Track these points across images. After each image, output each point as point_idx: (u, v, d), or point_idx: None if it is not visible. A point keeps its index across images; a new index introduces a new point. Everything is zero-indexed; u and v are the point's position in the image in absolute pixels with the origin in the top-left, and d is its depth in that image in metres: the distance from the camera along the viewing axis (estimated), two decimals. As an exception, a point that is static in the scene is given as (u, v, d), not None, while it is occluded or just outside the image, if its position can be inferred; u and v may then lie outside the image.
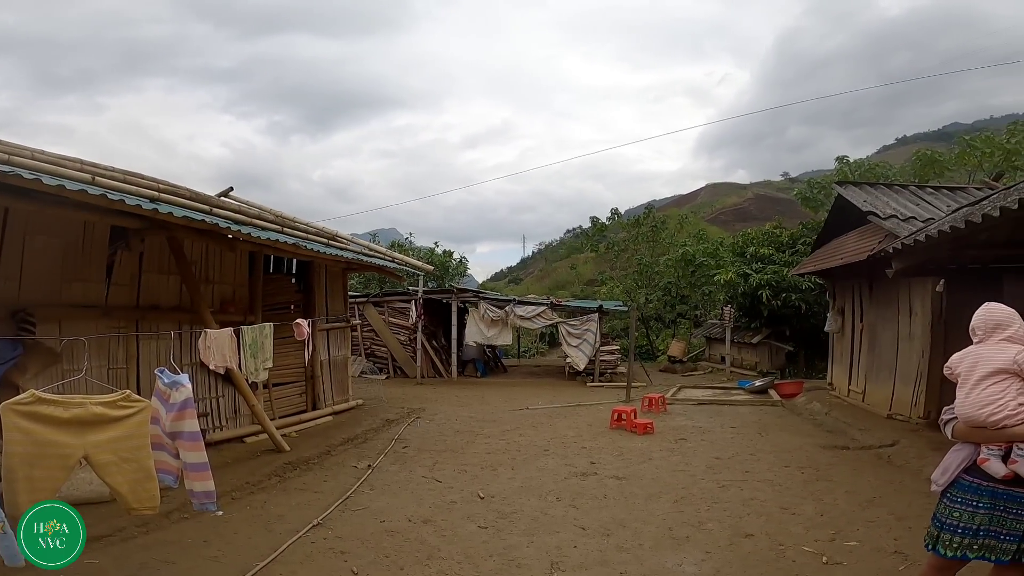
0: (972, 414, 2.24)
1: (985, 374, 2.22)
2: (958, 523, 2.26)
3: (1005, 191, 5.20)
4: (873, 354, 9.12)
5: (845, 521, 4.36)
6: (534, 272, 67.14)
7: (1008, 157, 15.67)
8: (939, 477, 2.37)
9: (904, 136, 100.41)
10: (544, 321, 15.61)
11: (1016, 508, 2.18)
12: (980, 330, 2.33)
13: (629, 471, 6.03)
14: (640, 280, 24.18)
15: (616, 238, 26.21)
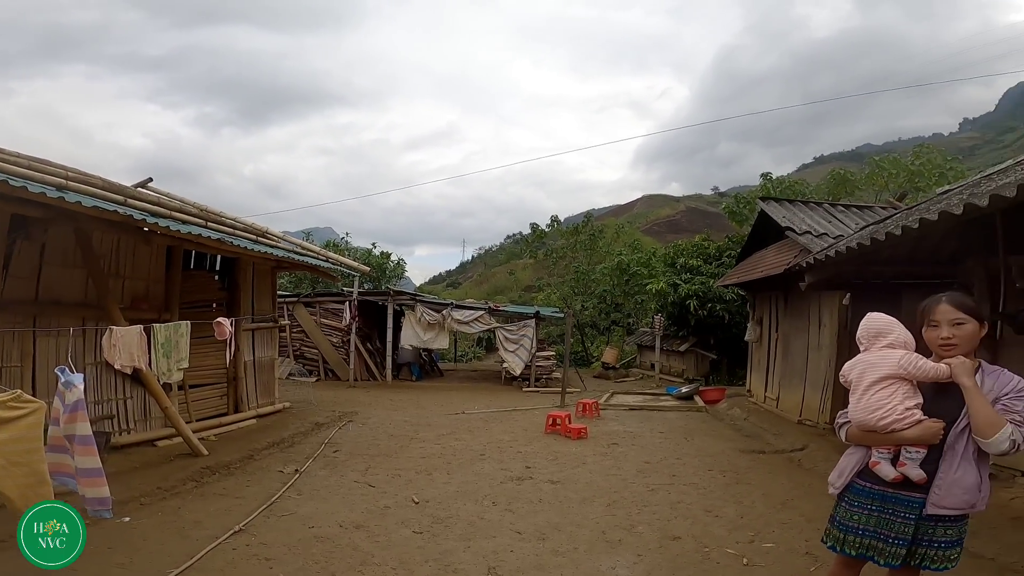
0: (863, 418, 2.28)
1: (874, 380, 2.27)
2: (857, 525, 2.31)
3: (906, 211, 5.71)
4: (786, 362, 9.74)
5: (762, 523, 4.59)
6: (473, 277, 67.07)
7: (911, 178, 17.26)
8: (835, 480, 2.42)
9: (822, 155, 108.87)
10: (482, 326, 15.60)
11: (903, 511, 2.21)
12: (864, 339, 2.40)
13: (564, 475, 6.11)
14: (577, 287, 24.70)
15: (555, 245, 26.67)
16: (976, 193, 3.74)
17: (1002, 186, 3.40)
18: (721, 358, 16.51)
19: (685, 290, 15.88)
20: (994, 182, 4.00)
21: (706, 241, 18.86)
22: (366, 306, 15.87)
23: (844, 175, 19.56)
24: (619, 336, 24.38)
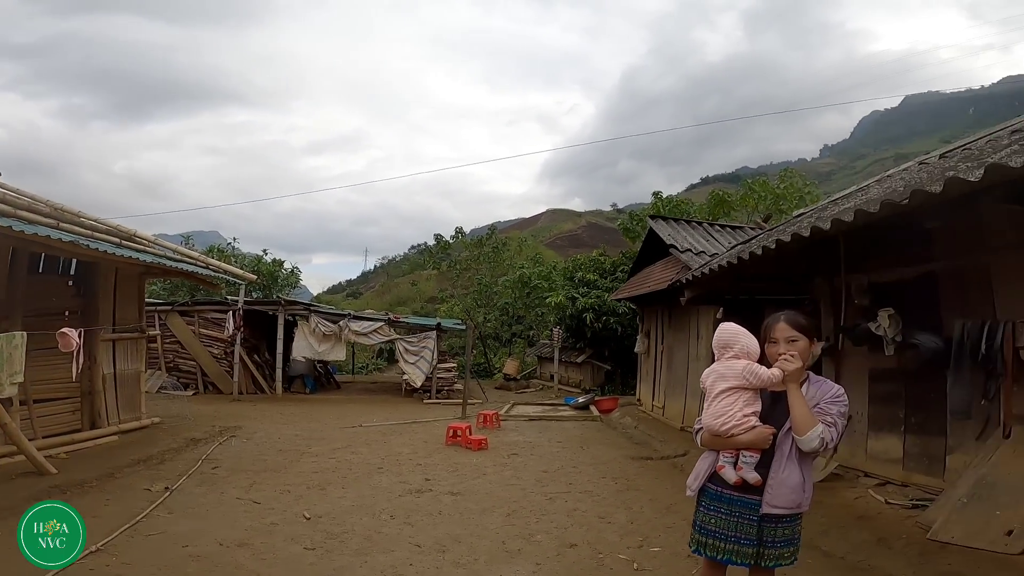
0: (710, 424, 2.45)
1: (722, 388, 2.44)
2: (714, 528, 2.40)
3: (768, 232, 6.35)
4: (671, 373, 10.41)
5: (650, 528, 4.81)
6: (375, 287, 65.15)
7: (777, 201, 19.19)
8: (691, 483, 2.54)
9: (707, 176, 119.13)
10: (381, 337, 15.15)
11: (747, 513, 2.34)
12: (717, 349, 2.57)
13: (464, 486, 6.10)
14: (480, 299, 24.75)
15: (459, 257, 26.57)
16: (822, 217, 4.24)
17: (842, 211, 3.88)
18: (615, 369, 17.21)
19: (582, 303, 16.47)
20: (838, 207, 4.57)
21: (602, 256, 19.71)
22: (254, 316, 14.82)
23: (722, 196, 21.31)
24: (521, 348, 24.73)
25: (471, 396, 13.27)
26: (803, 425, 2.24)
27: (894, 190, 3.43)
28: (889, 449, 5.23)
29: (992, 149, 2.85)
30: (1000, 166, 2.43)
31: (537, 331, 23.44)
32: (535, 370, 21.96)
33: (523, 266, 23.66)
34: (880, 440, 5.34)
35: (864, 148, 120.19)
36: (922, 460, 4.89)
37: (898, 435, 5.15)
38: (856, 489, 5.16)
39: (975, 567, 3.39)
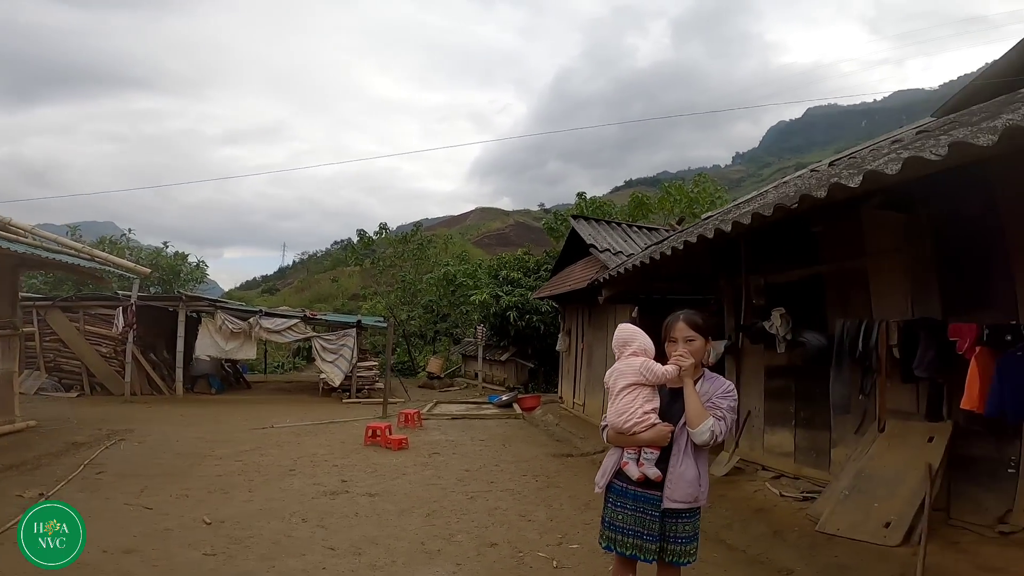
0: (613, 422, 2.46)
1: (623, 386, 2.50)
2: (622, 524, 2.43)
3: (676, 235, 6.61)
4: (590, 370, 10.64)
5: (569, 525, 4.85)
6: (293, 283, 62.24)
7: (690, 204, 20.21)
8: (599, 479, 2.56)
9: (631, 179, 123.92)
10: (296, 335, 14.44)
11: (650, 508, 2.38)
12: (616, 348, 2.59)
13: (382, 487, 5.96)
14: (404, 297, 24.28)
15: (383, 254, 25.92)
16: (725, 220, 4.44)
17: (742, 214, 4.07)
18: (539, 367, 17.40)
19: (506, 302, 16.52)
20: (740, 210, 4.81)
21: (527, 255, 19.90)
22: (151, 312, 13.66)
23: (642, 199, 22.23)
24: (445, 346, 24.50)
25: (393, 395, 13.07)
26: (696, 419, 2.32)
27: (787, 195, 3.64)
28: (782, 443, 5.56)
29: (873, 158, 3.08)
30: (876, 172, 2.62)
31: (462, 329, 23.32)
32: (459, 368, 21.83)
33: (448, 264, 23.44)
34: (775, 434, 5.68)
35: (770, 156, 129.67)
36: (810, 453, 5.23)
37: (790, 429, 5.49)
38: (755, 482, 5.43)
39: (858, 559, 3.60)
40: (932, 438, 4.02)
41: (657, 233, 10.79)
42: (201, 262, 22.78)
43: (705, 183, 23.02)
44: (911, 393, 4.30)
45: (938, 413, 4.11)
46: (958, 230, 4.03)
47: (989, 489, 3.75)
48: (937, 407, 4.12)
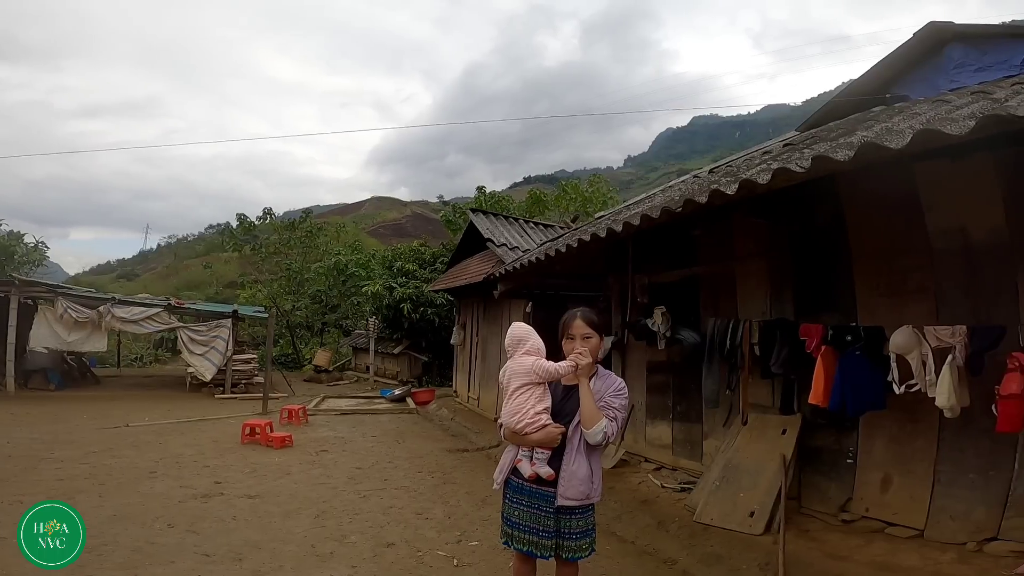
0: (507, 421, 2.47)
1: (517, 385, 2.49)
2: (519, 521, 2.44)
3: (571, 233, 6.76)
4: (485, 365, 10.65)
5: (467, 522, 4.77)
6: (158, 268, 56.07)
7: (585, 203, 20.98)
8: (497, 476, 2.55)
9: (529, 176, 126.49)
10: (158, 325, 12.95)
11: (544, 505, 2.40)
12: (510, 347, 2.58)
13: (263, 488, 5.60)
14: (289, 286, 22.90)
15: (267, 240, 24.18)
16: (616, 220, 4.58)
17: (632, 215, 4.21)
18: (433, 360, 17.17)
19: (400, 293, 16.10)
20: (630, 211, 4.99)
21: (423, 246, 19.53)
22: (-31, 297, 11.49)
23: (540, 195, 22.72)
24: (334, 338, 23.46)
25: (275, 390, 12.38)
26: (590, 419, 2.33)
27: (672, 199, 3.81)
28: (662, 435, 5.89)
29: (747, 167, 3.30)
30: (750, 181, 2.79)
31: (353, 321, 22.48)
32: (349, 361, 21.02)
33: (340, 253, 22.40)
34: (655, 427, 6.00)
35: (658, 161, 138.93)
36: (686, 445, 5.58)
37: (668, 423, 5.83)
38: (639, 474, 5.69)
39: (730, 548, 3.85)
40: (785, 430, 4.42)
41: (553, 230, 11.03)
42: (40, 243, 19.65)
43: (599, 183, 24.04)
44: (768, 388, 4.72)
45: (791, 407, 4.54)
46: (811, 238, 4.46)
47: (832, 479, 4.19)
48: (790, 401, 4.55)
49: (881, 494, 3.90)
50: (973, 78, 5.71)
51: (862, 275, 4.09)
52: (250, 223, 24.65)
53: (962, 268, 3.53)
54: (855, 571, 3.34)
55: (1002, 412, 2.95)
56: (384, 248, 25.15)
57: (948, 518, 3.55)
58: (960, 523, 3.48)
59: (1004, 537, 3.30)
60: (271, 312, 13.24)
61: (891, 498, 3.85)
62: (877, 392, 3.63)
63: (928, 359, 3.30)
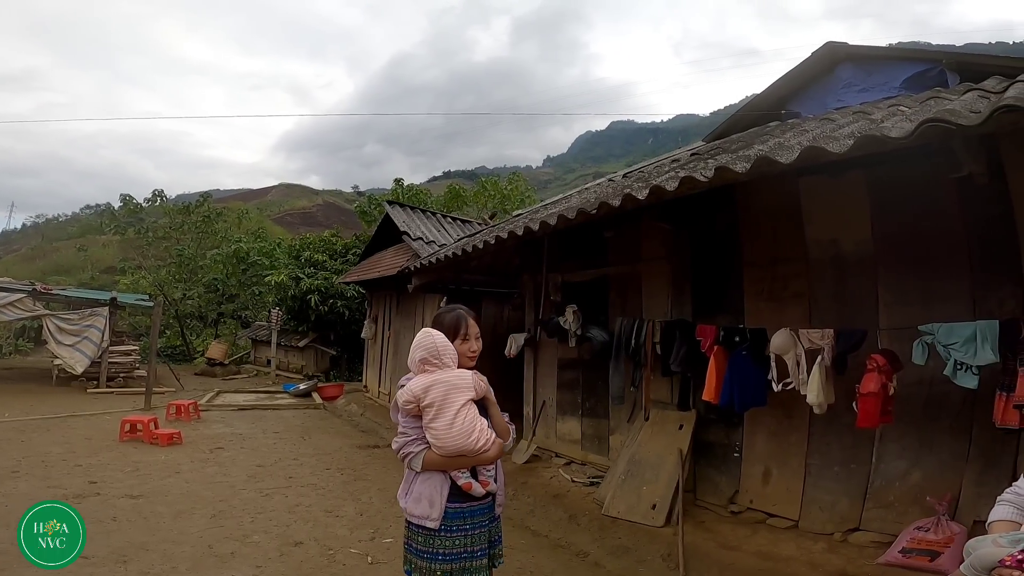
0: (461, 443, 2.16)
1: (464, 401, 2.19)
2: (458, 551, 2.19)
3: (489, 229, 6.81)
4: (397, 360, 10.42)
5: (380, 518, 4.66)
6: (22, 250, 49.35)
7: (503, 200, 21.15)
8: (433, 513, 2.17)
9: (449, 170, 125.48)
10: (20, 312, 11.48)
11: (486, 520, 2.26)
12: (431, 356, 2.24)
13: (149, 488, 5.25)
14: (180, 273, 21.16)
15: (156, 223, 22.18)
16: (533, 219, 4.67)
17: (549, 215, 4.32)
18: (342, 354, 16.63)
19: (307, 284, 15.38)
20: (547, 211, 5.11)
21: (335, 237, 18.77)
22: None
23: (459, 190, 22.57)
24: (231, 330, 22.02)
25: (161, 384, 11.54)
26: (504, 432, 2.30)
27: (588, 201, 3.96)
28: (572, 431, 6.06)
29: (657, 174, 3.50)
30: (659, 187, 2.97)
31: (253, 312, 21.26)
32: (248, 355, 19.87)
33: (241, 240, 21.00)
34: (565, 423, 6.16)
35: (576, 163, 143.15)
36: (594, 440, 5.78)
37: (578, 418, 6.01)
38: (551, 469, 5.82)
39: (636, 540, 4.02)
40: (682, 426, 4.70)
41: (470, 225, 11.01)
42: None
43: (518, 181, 24.36)
44: (668, 386, 5.01)
45: (687, 403, 4.85)
46: (710, 243, 4.77)
47: (722, 472, 4.50)
48: (687, 398, 4.86)
49: (762, 486, 4.20)
50: (857, 98, 6.14)
51: (750, 280, 4.43)
52: (136, 204, 22.52)
53: (832, 276, 3.92)
54: (744, 561, 3.56)
55: (862, 409, 3.24)
56: (292, 237, 23.88)
57: (818, 509, 3.83)
58: (828, 514, 3.77)
59: (865, 528, 3.59)
60: (157, 300, 12.10)
61: (771, 490, 4.14)
62: (760, 390, 3.89)
63: (802, 359, 3.59)
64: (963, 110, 2.11)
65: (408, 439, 2.21)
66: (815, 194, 3.94)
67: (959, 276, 3.32)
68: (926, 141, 2.23)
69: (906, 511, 3.42)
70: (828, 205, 3.91)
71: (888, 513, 3.54)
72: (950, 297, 3.33)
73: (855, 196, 3.75)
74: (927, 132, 2.16)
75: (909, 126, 2.18)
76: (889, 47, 7.76)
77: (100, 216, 27.41)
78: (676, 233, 4.91)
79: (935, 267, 3.42)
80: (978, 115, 2.04)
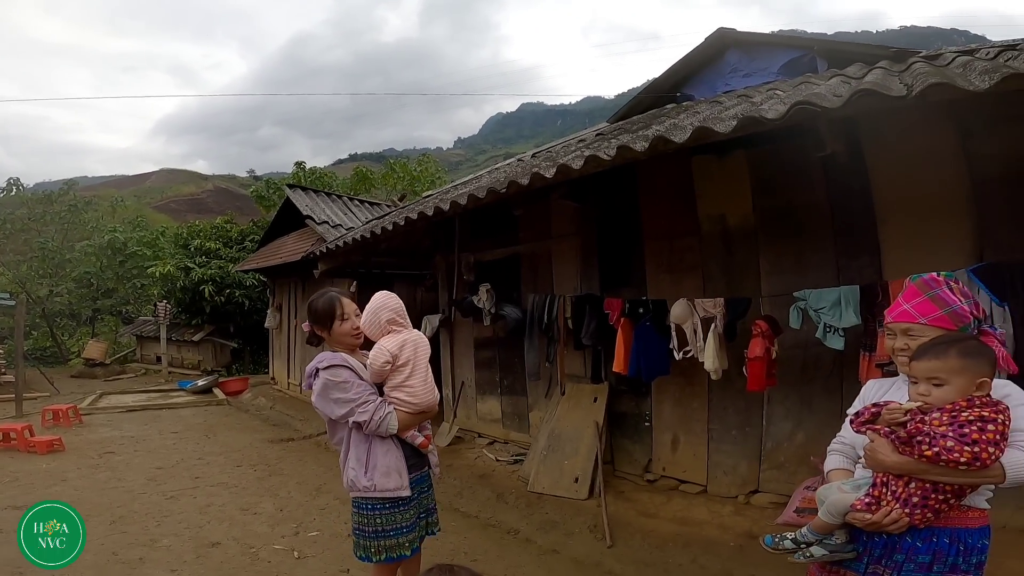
0: (429, 399, 2.26)
1: (425, 360, 2.29)
2: (410, 521, 2.22)
3: (400, 209, 6.67)
4: (305, 349, 9.96)
5: (303, 512, 4.50)
6: None
7: (413, 182, 20.71)
8: (402, 484, 2.18)
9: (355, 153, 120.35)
10: None
11: (427, 487, 2.34)
12: (397, 316, 2.29)
13: (32, 498, 4.69)
14: (45, 268, 18.88)
15: (11, 215, 19.67)
16: (443, 199, 4.63)
17: (459, 195, 4.31)
18: (244, 346, 15.78)
19: (199, 274, 14.29)
20: (458, 191, 5.08)
21: (229, 224, 17.50)
22: None
23: (366, 173, 21.80)
24: (111, 327, 20.07)
25: (32, 389, 10.58)
26: None
27: (498, 180, 3.98)
28: (492, 410, 6.13)
29: (564, 153, 3.60)
30: (566, 166, 3.06)
31: (136, 307, 19.50)
32: (133, 352, 18.24)
33: (116, 230, 19.08)
34: (485, 402, 6.22)
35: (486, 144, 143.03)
36: (514, 418, 5.88)
37: (497, 397, 6.08)
38: (474, 450, 5.83)
39: (562, 514, 4.13)
40: (596, 398, 4.87)
41: (379, 208, 10.70)
42: None
43: (428, 163, 23.97)
44: (581, 359, 5.17)
45: (599, 376, 5.03)
46: (614, 220, 4.94)
47: (636, 442, 4.72)
48: (599, 371, 5.04)
49: (672, 454, 4.42)
50: (742, 82, 6.54)
51: (651, 254, 4.64)
52: (-12, 195, 19.76)
53: (722, 249, 4.21)
54: (663, 527, 3.74)
55: (751, 373, 3.46)
56: (178, 225, 21.90)
57: (722, 473, 4.04)
58: (731, 478, 3.97)
59: (763, 489, 3.80)
60: (20, 299, 10.68)
61: (679, 457, 4.33)
62: (663, 359, 4.08)
63: (698, 328, 3.82)
64: (828, 94, 2.35)
65: (376, 402, 2.16)
66: (705, 172, 4.21)
67: (825, 246, 3.66)
68: (796, 122, 2.47)
69: (796, 471, 3.63)
70: (716, 182, 4.17)
71: (781, 474, 3.76)
72: (819, 265, 3.65)
73: (738, 173, 4.03)
74: (797, 114, 2.38)
75: (782, 108, 2.40)
76: (771, 34, 8.40)
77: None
78: (583, 211, 5.05)
79: (806, 238, 3.74)
80: (840, 98, 2.27)
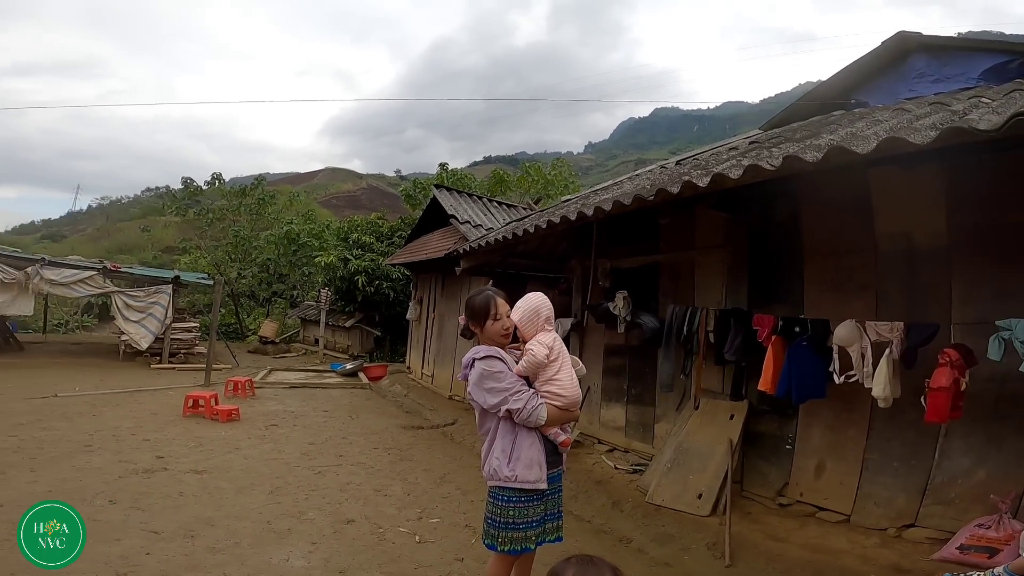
0: (574, 395, 2.31)
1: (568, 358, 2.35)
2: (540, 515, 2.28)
3: (537, 214, 6.81)
4: (441, 341, 10.63)
5: (427, 499, 4.77)
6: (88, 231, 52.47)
7: (547, 186, 21.08)
8: (539, 475, 2.25)
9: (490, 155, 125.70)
10: (91, 289, 12.18)
11: (559, 485, 2.41)
12: (544, 315, 2.39)
13: (212, 463, 5.41)
14: (235, 253, 22.01)
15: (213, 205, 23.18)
16: (586, 204, 4.64)
17: (602, 200, 4.28)
18: (386, 335, 16.92)
19: (355, 265, 15.75)
20: (598, 197, 5.06)
21: (381, 219, 19.10)
22: None
23: (502, 175, 22.57)
24: (281, 309, 22.81)
25: (218, 361, 11.90)
26: None
27: (643, 187, 3.89)
28: (616, 418, 6.05)
29: (716, 162, 3.41)
30: (722, 175, 2.89)
31: (302, 292, 21.92)
32: (297, 333, 20.51)
33: (292, 221, 21.66)
34: (610, 409, 6.15)
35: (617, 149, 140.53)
36: (639, 428, 5.76)
37: (622, 405, 5.99)
38: (593, 455, 5.82)
39: (681, 528, 4.01)
40: (733, 416, 4.62)
41: (516, 210, 11.01)
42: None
43: (562, 167, 24.13)
44: (720, 375, 4.93)
45: (739, 393, 4.76)
46: (767, 233, 4.66)
47: (772, 463, 4.42)
48: (739, 388, 4.77)
49: (815, 480, 4.14)
50: (930, 88, 5.94)
51: (812, 271, 4.31)
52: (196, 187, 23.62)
53: (903, 269, 3.77)
54: (792, 552, 3.54)
55: (931, 403, 3.16)
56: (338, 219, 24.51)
57: (873, 504, 3.78)
58: (883, 510, 3.72)
59: (921, 524, 3.54)
60: (218, 279, 12.66)
61: (823, 484, 4.08)
62: (819, 381, 3.83)
63: (867, 352, 3.51)
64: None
65: (529, 392, 2.25)
66: (886, 186, 3.78)
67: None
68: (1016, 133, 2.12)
69: (967, 508, 3.35)
70: (900, 197, 3.74)
71: (947, 510, 3.47)
72: (1029, 293, 3.14)
73: (930, 188, 3.59)
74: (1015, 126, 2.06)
75: (998, 119, 2.11)
76: (960, 37, 7.31)
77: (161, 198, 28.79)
78: (733, 222, 4.79)
79: (1015, 261, 3.24)
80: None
